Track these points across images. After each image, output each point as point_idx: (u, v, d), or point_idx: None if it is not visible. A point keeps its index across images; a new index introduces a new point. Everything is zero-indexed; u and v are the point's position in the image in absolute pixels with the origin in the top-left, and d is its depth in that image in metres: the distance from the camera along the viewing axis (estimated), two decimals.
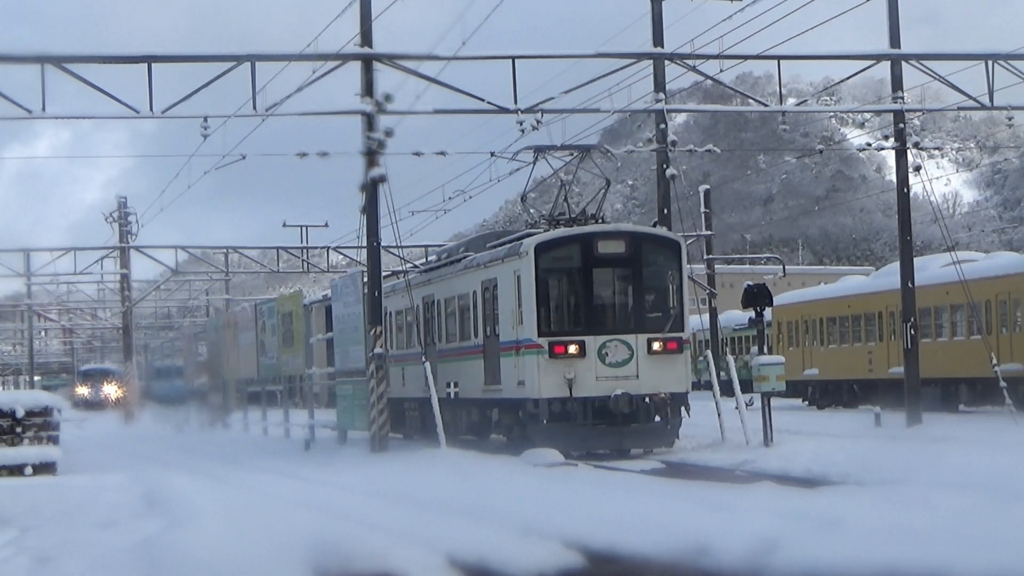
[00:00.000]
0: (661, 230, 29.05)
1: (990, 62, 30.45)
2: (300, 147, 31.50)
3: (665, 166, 32.05)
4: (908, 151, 32.94)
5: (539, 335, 25.40)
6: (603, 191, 28.33)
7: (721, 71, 30.03)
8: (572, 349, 25.23)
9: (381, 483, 20.58)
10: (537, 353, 25.26)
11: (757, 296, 26.72)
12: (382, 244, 29.57)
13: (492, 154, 33.71)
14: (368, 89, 27.57)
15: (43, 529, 15.26)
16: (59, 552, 13.06)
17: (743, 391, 27.96)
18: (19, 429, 23.68)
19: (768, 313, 29.99)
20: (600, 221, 27.86)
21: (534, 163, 28.88)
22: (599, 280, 26.16)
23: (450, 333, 30.59)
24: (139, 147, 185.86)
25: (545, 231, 27.07)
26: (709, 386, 30.30)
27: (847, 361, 46.41)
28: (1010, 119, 32.51)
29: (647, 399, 25.24)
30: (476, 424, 29.47)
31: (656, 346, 25.58)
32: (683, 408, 25.89)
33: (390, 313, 34.19)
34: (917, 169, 32.82)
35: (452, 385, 30.01)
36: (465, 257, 30.36)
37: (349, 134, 29.58)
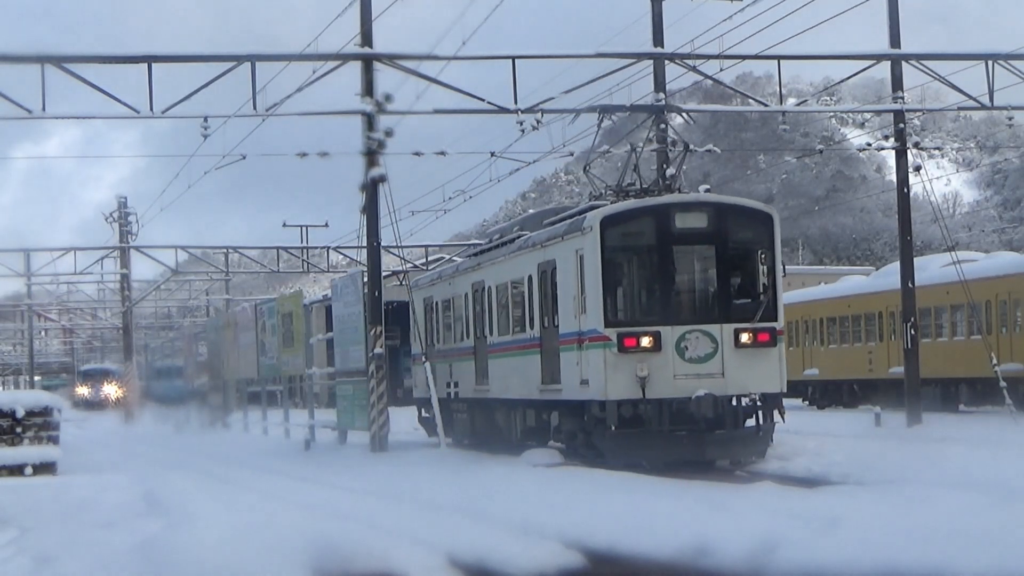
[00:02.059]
0: (750, 201, 25.46)
1: (990, 62, 30.46)
2: (300, 147, 31.55)
3: (664, 166, 32.03)
4: (908, 151, 32.95)
5: (606, 325, 21.78)
6: (681, 156, 24.57)
7: (721, 71, 30.05)
8: (645, 342, 21.67)
9: (381, 483, 20.58)
10: (604, 347, 21.76)
11: None
12: (382, 244, 29.58)
13: (492, 154, 33.78)
14: (368, 89, 27.58)
15: (43, 529, 15.25)
16: (59, 552, 13.06)
17: None
18: (19, 429, 23.68)
19: None
20: (678, 192, 24.17)
21: (599, 124, 25.33)
22: (677, 259, 22.42)
23: (502, 324, 27.07)
24: (151, 146, 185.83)
25: (612, 203, 23.41)
26: None
27: (847, 361, 46.44)
28: (1010, 119, 32.52)
29: (735, 401, 21.82)
30: (532, 430, 25.91)
31: (745, 338, 22.00)
32: (777, 411, 22.41)
33: (435, 303, 31.93)
34: (917, 169, 32.83)
35: (504, 385, 26.71)
36: (519, 236, 26.67)
37: (349, 134, 29.61)
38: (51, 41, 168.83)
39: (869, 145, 50.35)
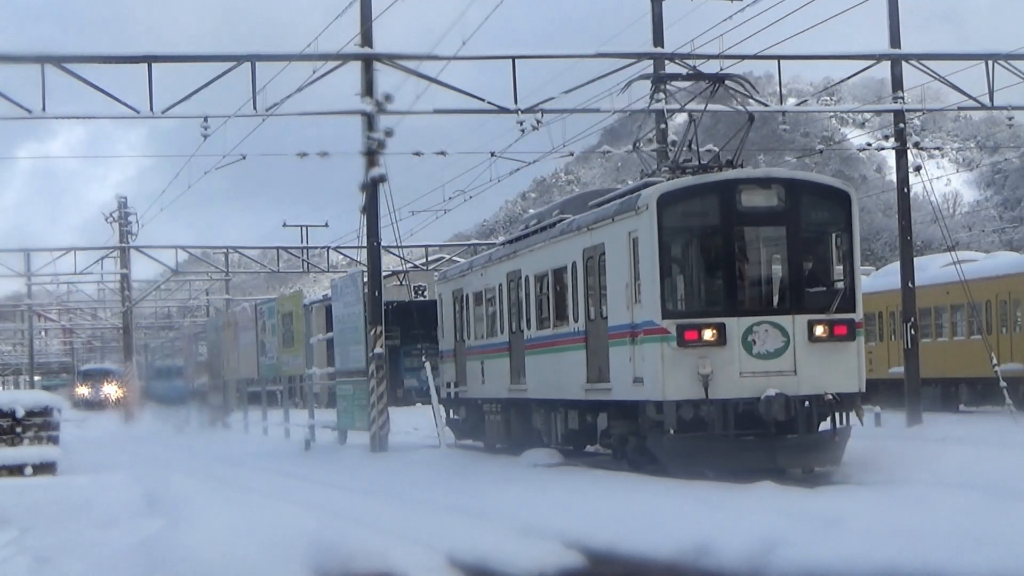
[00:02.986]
0: (825, 177, 23.05)
1: (990, 62, 30.47)
2: (300, 147, 31.57)
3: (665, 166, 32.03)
4: (908, 151, 32.95)
5: (664, 317, 19.37)
6: (745, 130, 21.89)
7: (721, 71, 30.01)
8: (708, 335, 19.30)
9: (381, 483, 20.59)
10: (661, 340, 19.33)
11: None
12: (382, 244, 29.58)
13: (492, 154, 33.77)
14: (368, 89, 27.59)
15: (43, 529, 15.26)
16: (59, 552, 13.06)
17: None
18: (19, 429, 23.69)
19: None
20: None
21: (652, 96, 22.86)
22: (744, 242, 19.99)
23: (541, 317, 24.83)
24: (156, 146, 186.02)
25: (668, 180, 20.95)
26: None
27: None
28: (1010, 119, 32.54)
29: (808, 402, 19.42)
30: (574, 433, 23.71)
31: (820, 331, 19.64)
32: (855, 413, 19.98)
33: (466, 296, 29.50)
34: (917, 169, 32.83)
35: (543, 384, 24.62)
36: (561, 220, 24.30)
37: (349, 134, 29.65)
38: (58, 41, 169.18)
39: (869, 145, 50.35)
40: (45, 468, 23.48)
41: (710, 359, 19.14)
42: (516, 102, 28.63)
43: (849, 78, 34.99)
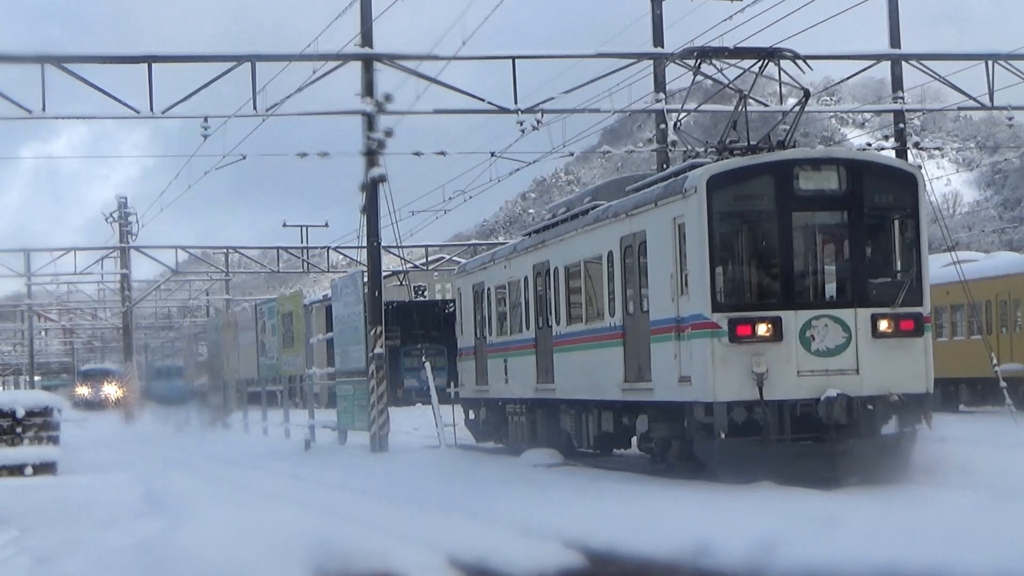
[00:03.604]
0: (889, 157, 21.18)
1: (990, 62, 30.48)
2: (300, 147, 31.57)
3: (665, 166, 32.04)
4: (908, 151, 32.96)
5: (714, 310, 17.77)
6: (800, 107, 20.41)
7: (721, 71, 30.01)
8: (763, 330, 17.68)
9: (381, 483, 20.60)
10: (711, 335, 17.74)
11: None
12: (382, 244, 29.58)
13: (492, 154, 33.78)
14: (368, 89, 27.59)
15: (43, 529, 15.27)
16: (59, 552, 13.07)
17: None
18: (19, 429, 23.71)
19: None
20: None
21: (696, 69, 21.31)
22: (801, 228, 18.40)
23: (572, 312, 23.26)
24: (159, 146, 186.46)
25: (717, 161, 19.28)
26: None
27: None
28: (1010, 119, 32.56)
29: (871, 403, 17.77)
30: (608, 436, 22.35)
31: (884, 326, 18.00)
32: (922, 416, 18.22)
33: (488, 289, 28.00)
34: (917, 169, 32.83)
35: (574, 383, 23.10)
36: (595, 207, 22.68)
37: (349, 134, 29.63)
38: (63, 41, 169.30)
39: (869, 145, 50.31)
40: (45, 468, 23.49)
41: (765, 356, 17.57)
42: (516, 102, 28.66)
43: (849, 78, 35.00)
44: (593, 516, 14.64)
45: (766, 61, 20.68)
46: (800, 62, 21.09)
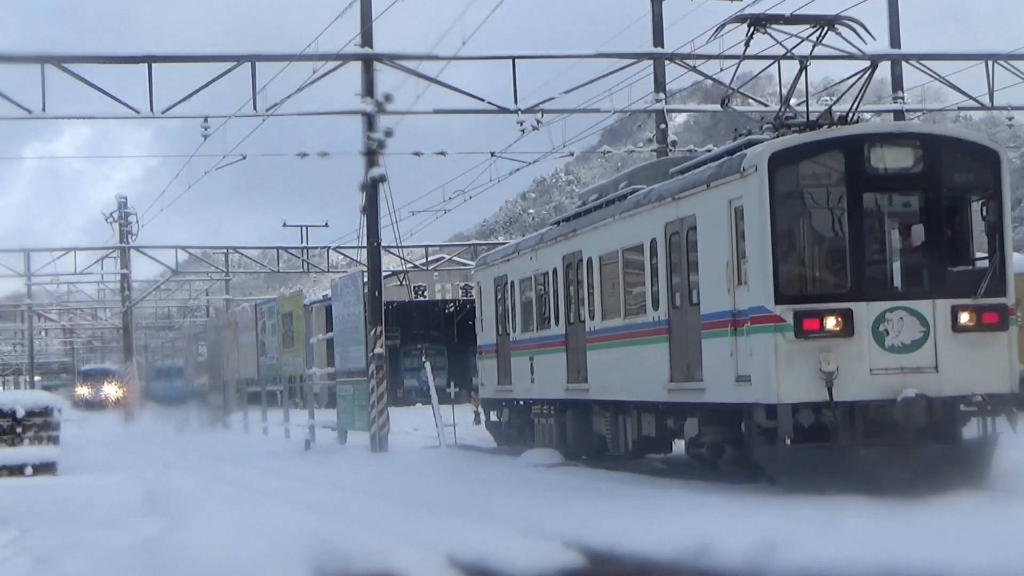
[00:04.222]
0: (970, 132, 19.60)
1: (990, 62, 30.49)
2: (300, 147, 31.59)
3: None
4: None
5: (778, 301, 16.09)
6: (865, 78, 18.65)
7: (721, 71, 30.06)
8: (831, 324, 16.05)
9: (381, 483, 20.60)
10: (774, 330, 16.07)
11: None
12: (382, 244, 29.59)
13: (492, 154, 33.81)
14: (368, 89, 27.60)
15: (43, 529, 15.27)
16: (60, 552, 13.07)
17: None
18: (19, 429, 23.72)
19: None
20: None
21: (748, 40, 19.52)
22: (874, 211, 16.73)
23: (608, 305, 21.59)
24: (162, 146, 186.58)
25: (776, 138, 17.54)
26: None
27: None
28: (1010, 119, 32.57)
29: (952, 405, 16.23)
30: (650, 441, 20.84)
31: (965, 318, 16.33)
32: (1007, 418, 16.63)
33: (511, 283, 26.47)
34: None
35: (610, 382, 21.44)
36: (634, 191, 20.98)
37: (349, 134, 29.65)
38: (66, 41, 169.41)
39: None
40: (45, 468, 23.50)
41: (834, 353, 15.96)
42: (516, 102, 28.68)
43: (849, 78, 34.98)
44: (593, 516, 14.64)
45: (825, 29, 18.67)
46: (863, 30, 19.10)
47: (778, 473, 16.71)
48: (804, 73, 18.56)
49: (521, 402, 26.22)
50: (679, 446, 20.71)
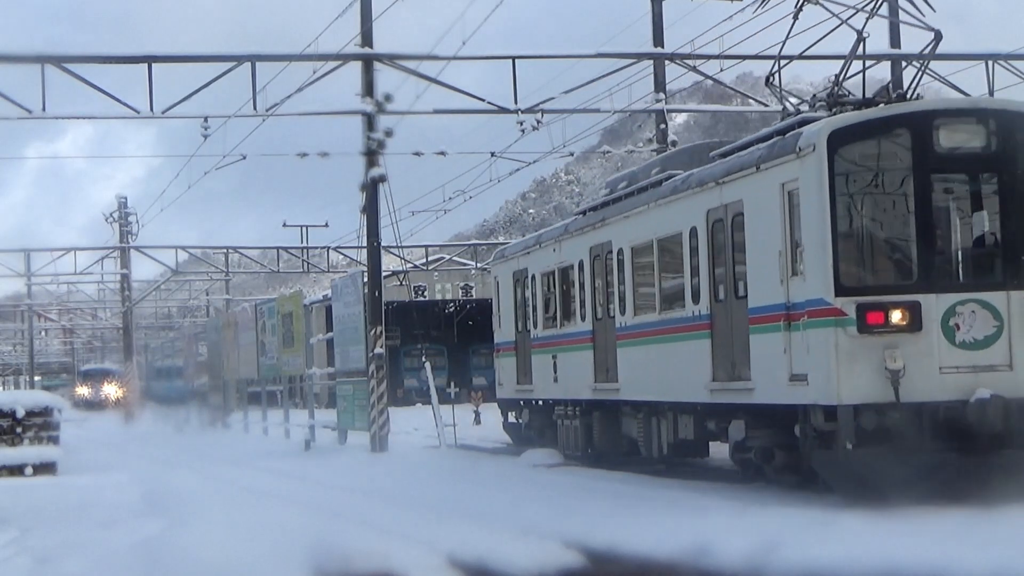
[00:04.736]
0: None
1: (990, 62, 30.49)
2: (300, 147, 31.58)
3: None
4: None
5: (838, 293, 14.82)
6: (931, 49, 17.02)
7: (721, 71, 30.07)
8: (897, 317, 14.75)
9: (381, 483, 20.60)
10: (835, 324, 14.79)
11: None
12: (382, 244, 29.59)
13: (492, 154, 33.81)
14: (368, 89, 27.60)
15: (44, 529, 15.27)
16: (60, 552, 13.07)
17: None
18: (19, 429, 23.73)
19: None
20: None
21: (797, 12, 18.15)
22: (942, 194, 15.41)
23: (642, 300, 20.35)
24: (165, 146, 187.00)
25: (833, 115, 16.29)
26: None
27: None
28: None
29: None
30: (687, 444, 19.45)
31: None
32: None
33: (532, 277, 25.21)
34: None
35: (644, 382, 20.15)
36: (669, 177, 19.66)
37: (349, 134, 29.64)
38: (71, 41, 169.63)
39: None
40: (45, 468, 23.50)
41: (900, 350, 14.67)
42: (516, 102, 28.68)
43: (849, 78, 34.97)
44: (593, 516, 14.64)
45: None
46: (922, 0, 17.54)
47: (837, 481, 15.33)
48: (862, 46, 17.25)
49: (542, 402, 25.08)
50: (716, 450, 19.97)
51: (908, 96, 16.62)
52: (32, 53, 26.86)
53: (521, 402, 26.32)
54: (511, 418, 27.31)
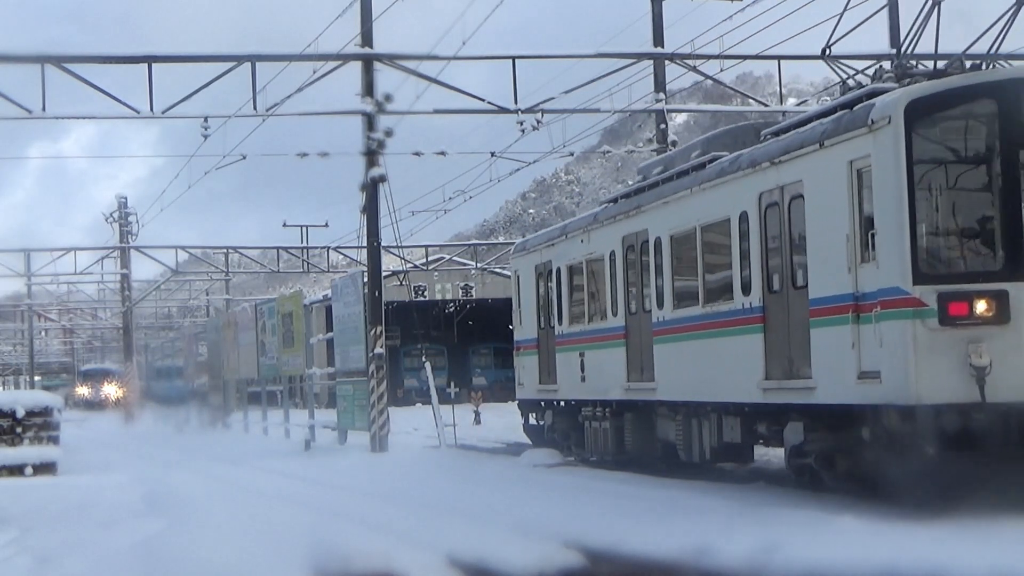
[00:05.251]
0: None
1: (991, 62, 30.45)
2: (300, 147, 31.59)
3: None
4: None
5: (916, 281, 13.46)
6: (1012, 14, 15.71)
7: (721, 71, 30.09)
8: (982, 308, 13.40)
9: (381, 483, 20.60)
10: (913, 316, 13.42)
11: None
12: (382, 244, 29.60)
13: (492, 154, 33.81)
14: (368, 89, 27.61)
15: (44, 529, 15.27)
16: (60, 552, 13.07)
17: None
18: (19, 429, 23.73)
19: None
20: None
21: None
22: None
23: (682, 291, 18.86)
24: (168, 146, 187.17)
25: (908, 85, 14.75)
26: None
27: None
28: None
29: None
30: (733, 448, 17.91)
31: None
32: None
33: (556, 269, 23.84)
34: None
35: (686, 380, 18.66)
36: (714, 159, 18.36)
37: (349, 134, 29.66)
38: (76, 41, 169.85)
39: None
40: (45, 468, 23.50)
41: (986, 344, 13.31)
42: (516, 102, 28.69)
43: (849, 78, 34.97)
44: (593, 516, 14.64)
45: None
46: None
47: (912, 490, 13.59)
48: (936, 9, 15.70)
49: (565, 403, 23.68)
50: (760, 453, 18.93)
51: (986, 63, 15.32)
52: (32, 53, 26.86)
53: (543, 403, 24.97)
54: (532, 420, 25.84)
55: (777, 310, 16.07)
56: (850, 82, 16.38)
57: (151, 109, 27.15)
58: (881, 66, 16.00)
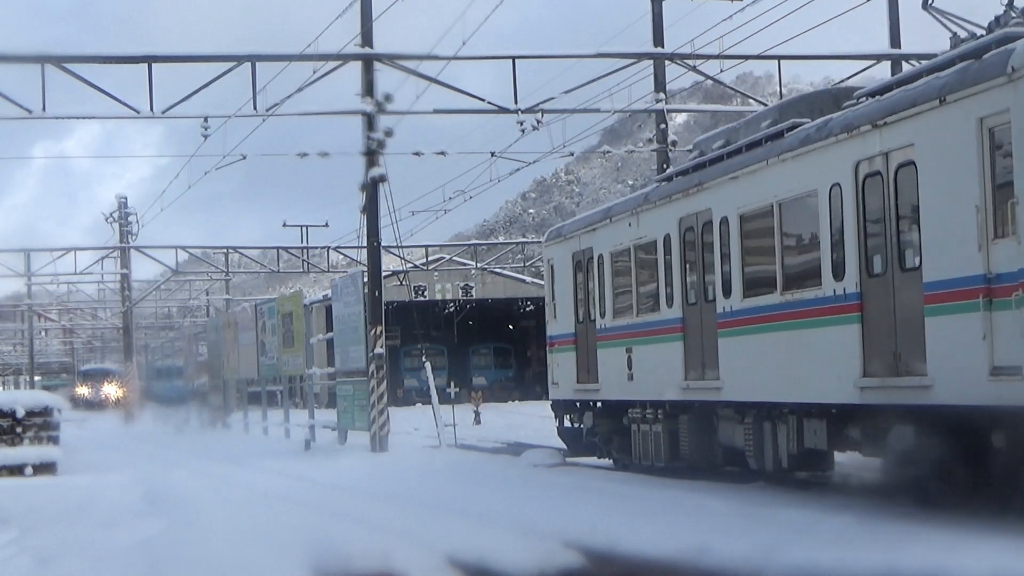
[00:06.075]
0: None
1: None
2: (300, 147, 31.58)
3: (665, 166, 32.06)
4: None
5: None
6: None
7: (721, 71, 30.07)
8: None
9: (381, 483, 20.60)
10: None
11: None
12: (382, 244, 29.60)
13: (492, 154, 33.81)
14: (368, 89, 27.61)
15: (44, 529, 15.27)
16: (60, 552, 13.07)
17: None
18: (19, 429, 23.72)
19: None
20: None
21: None
22: None
23: (754, 278, 16.79)
24: (171, 145, 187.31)
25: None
26: None
27: None
28: None
29: None
30: (814, 456, 16.00)
31: None
32: None
33: (599, 257, 21.71)
34: None
35: (757, 379, 16.58)
36: (794, 126, 16.30)
37: (349, 134, 29.68)
38: (79, 41, 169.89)
39: None
40: (45, 468, 23.50)
41: None
42: (516, 102, 28.69)
43: (849, 78, 34.98)
44: (593, 516, 14.63)
45: None
46: None
47: None
48: None
49: (608, 404, 21.60)
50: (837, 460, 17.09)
51: None
52: (32, 53, 26.85)
53: (579, 403, 22.84)
54: (568, 422, 23.57)
55: (879, 296, 14.02)
56: (961, 34, 14.21)
57: (151, 109, 27.14)
58: (998, 17, 13.65)
